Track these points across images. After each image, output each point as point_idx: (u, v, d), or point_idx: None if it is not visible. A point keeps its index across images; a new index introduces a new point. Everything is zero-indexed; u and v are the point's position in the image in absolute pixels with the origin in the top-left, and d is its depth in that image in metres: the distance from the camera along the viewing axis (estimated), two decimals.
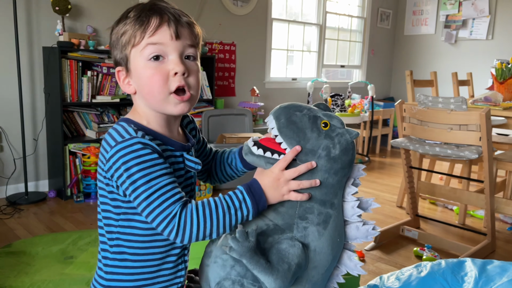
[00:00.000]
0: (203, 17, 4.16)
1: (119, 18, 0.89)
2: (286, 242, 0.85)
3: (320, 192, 0.87)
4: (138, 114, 0.90)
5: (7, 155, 3.17)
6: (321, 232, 0.88)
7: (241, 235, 0.81)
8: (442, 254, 2.46)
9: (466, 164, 2.86)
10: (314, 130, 0.86)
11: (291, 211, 0.87)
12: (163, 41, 0.84)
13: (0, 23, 3.04)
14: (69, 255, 2.23)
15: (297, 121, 0.86)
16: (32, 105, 3.25)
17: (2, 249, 2.26)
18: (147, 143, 0.81)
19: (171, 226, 0.79)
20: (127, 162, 0.80)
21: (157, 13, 0.84)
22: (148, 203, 0.80)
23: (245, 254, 0.80)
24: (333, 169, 0.87)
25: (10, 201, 3.03)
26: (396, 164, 4.76)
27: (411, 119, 2.55)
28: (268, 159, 0.87)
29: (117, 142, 0.82)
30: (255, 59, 4.71)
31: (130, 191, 0.81)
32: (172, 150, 0.89)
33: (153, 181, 0.80)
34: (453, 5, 5.64)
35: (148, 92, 0.86)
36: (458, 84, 3.87)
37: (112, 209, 0.87)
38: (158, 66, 0.84)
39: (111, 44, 0.90)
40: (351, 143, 0.89)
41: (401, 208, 3.24)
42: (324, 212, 0.88)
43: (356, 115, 4.79)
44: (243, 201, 0.83)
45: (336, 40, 5.70)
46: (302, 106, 0.89)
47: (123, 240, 0.88)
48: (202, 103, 3.88)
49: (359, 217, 0.93)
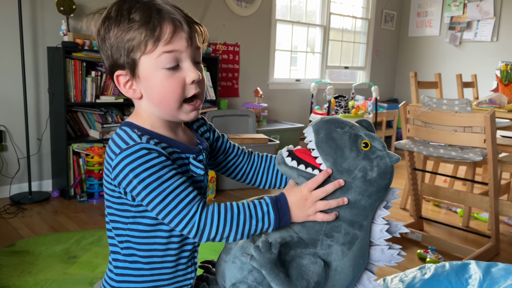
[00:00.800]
0: (207, 18, 4.16)
1: (112, 17, 0.83)
2: (308, 258, 0.83)
3: (350, 212, 0.85)
4: (142, 117, 0.88)
5: (11, 155, 3.18)
6: (345, 252, 0.86)
7: (264, 245, 0.80)
8: (445, 256, 2.44)
9: (470, 166, 2.85)
10: (353, 150, 0.84)
11: (317, 226, 0.86)
12: (178, 48, 0.82)
13: (5, 23, 3.05)
14: (72, 254, 2.24)
15: (337, 138, 0.84)
16: (36, 105, 3.26)
17: (6, 249, 2.26)
18: (152, 148, 0.80)
19: (191, 225, 0.79)
20: (135, 168, 0.79)
21: (167, 18, 0.81)
22: (164, 205, 0.79)
23: (266, 265, 0.79)
24: (367, 191, 0.85)
25: (13, 200, 3.04)
26: (400, 166, 4.74)
27: (415, 121, 2.54)
28: (301, 172, 0.85)
29: (122, 149, 0.81)
30: (259, 60, 4.71)
31: (142, 196, 0.80)
32: (178, 152, 0.87)
33: (166, 183, 0.79)
34: (457, 6, 5.63)
35: (162, 100, 0.84)
36: (463, 86, 3.86)
37: (119, 213, 0.87)
38: (174, 75, 0.82)
39: (107, 46, 0.84)
40: (390, 167, 0.87)
41: (405, 210, 3.23)
42: (351, 232, 0.86)
43: (360, 117, 4.78)
44: (267, 213, 0.82)
45: (340, 41, 5.69)
46: (344, 123, 0.87)
47: (132, 243, 0.88)
48: (205, 103, 3.89)
49: (386, 240, 0.91)
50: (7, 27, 3.06)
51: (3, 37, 3.06)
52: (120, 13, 0.82)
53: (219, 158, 1.04)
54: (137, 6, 0.82)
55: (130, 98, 0.89)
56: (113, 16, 0.83)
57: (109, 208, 0.88)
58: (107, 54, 0.85)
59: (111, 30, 0.82)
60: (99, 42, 0.86)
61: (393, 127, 5.47)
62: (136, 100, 0.89)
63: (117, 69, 0.85)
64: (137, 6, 0.82)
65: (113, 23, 0.82)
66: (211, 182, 3.28)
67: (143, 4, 0.82)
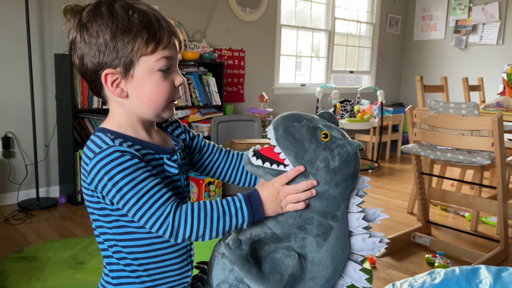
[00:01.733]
0: (213, 24, 4.18)
1: (104, 14, 0.83)
2: (282, 252, 0.85)
3: (320, 203, 0.87)
4: (115, 122, 0.90)
5: (19, 161, 3.21)
6: (321, 243, 0.87)
7: (234, 242, 0.81)
8: (454, 261, 2.43)
9: (478, 170, 2.84)
10: (312, 141, 0.86)
11: (290, 220, 0.87)
12: (173, 55, 0.88)
13: (13, 31, 3.08)
14: (80, 260, 2.24)
15: (294, 132, 0.87)
16: (44, 111, 3.29)
17: (14, 255, 2.27)
18: (125, 150, 0.82)
19: (166, 224, 0.80)
20: (109, 171, 0.80)
21: (165, 27, 0.86)
22: (138, 207, 0.80)
23: (237, 261, 0.81)
24: (333, 181, 0.86)
25: (21, 206, 3.06)
26: (406, 170, 4.73)
27: (422, 125, 2.54)
28: (266, 169, 0.88)
29: (95, 153, 0.82)
30: (264, 65, 4.72)
31: (117, 199, 0.81)
32: (152, 153, 0.89)
33: (140, 185, 0.80)
34: (462, 10, 5.62)
35: (154, 100, 0.87)
36: (469, 89, 3.84)
37: (102, 218, 0.88)
38: (167, 77, 0.88)
39: (100, 43, 0.84)
40: (353, 154, 0.87)
41: (412, 215, 3.21)
42: (325, 223, 0.87)
43: (366, 121, 4.77)
44: (240, 209, 0.84)
45: (345, 46, 5.69)
46: (302, 117, 0.89)
47: (121, 247, 0.89)
48: (211, 109, 3.90)
49: (365, 229, 0.91)
50: (15, 34, 3.09)
51: (11, 45, 3.09)
52: (115, 12, 0.84)
53: (195, 157, 1.06)
54: (133, 9, 0.85)
55: (111, 95, 0.89)
56: (106, 14, 0.83)
57: (92, 214, 0.90)
58: (97, 50, 0.84)
59: (107, 27, 0.83)
60: (85, 37, 0.84)
61: (399, 131, 5.45)
62: (116, 101, 0.89)
63: (107, 68, 0.85)
64: (133, 9, 0.85)
65: (109, 21, 0.83)
66: (217, 187, 3.29)
67: (139, 9, 0.85)
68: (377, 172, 4.58)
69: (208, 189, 3.24)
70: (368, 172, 4.57)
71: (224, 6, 4.25)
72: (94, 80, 0.88)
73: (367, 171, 4.60)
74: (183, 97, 3.67)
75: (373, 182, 4.17)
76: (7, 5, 3.04)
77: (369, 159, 5.11)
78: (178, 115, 3.65)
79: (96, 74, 0.87)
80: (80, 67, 0.88)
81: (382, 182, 4.19)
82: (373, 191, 3.86)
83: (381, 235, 0.91)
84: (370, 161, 5.03)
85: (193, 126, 3.82)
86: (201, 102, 3.78)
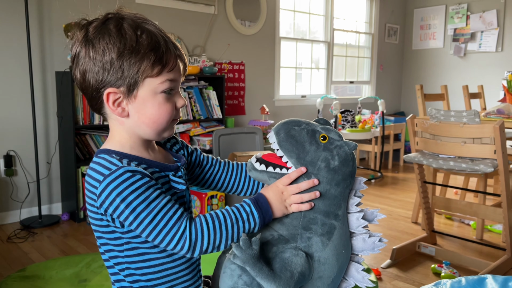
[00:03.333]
0: (212, 38, 4.21)
1: (112, 32, 0.83)
2: (290, 252, 0.88)
3: (323, 203, 0.90)
4: (117, 142, 0.90)
5: (21, 179, 3.20)
6: (325, 242, 0.90)
7: (245, 243, 0.83)
8: (461, 270, 2.40)
9: (482, 178, 2.82)
10: (312, 143, 0.91)
11: (295, 221, 0.91)
12: (177, 78, 0.89)
13: (15, 49, 3.11)
14: (83, 278, 2.22)
15: (295, 135, 0.91)
16: (45, 128, 3.30)
17: (17, 273, 2.26)
18: (135, 170, 0.81)
19: (183, 241, 0.80)
20: (122, 192, 0.79)
21: (171, 50, 0.87)
22: (154, 226, 0.80)
23: (248, 261, 0.83)
24: (334, 180, 0.90)
25: (24, 225, 3.05)
26: (409, 179, 4.71)
27: (424, 134, 2.53)
28: (270, 173, 0.92)
29: (105, 175, 0.81)
30: (264, 77, 4.74)
31: (131, 220, 0.80)
32: (158, 171, 0.89)
33: (153, 204, 0.80)
34: (460, 18, 5.65)
35: (155, 120, 0.87)
36: (470, 97, 3.84)
37: (112, 242, 0.87)
38: (170, 98, 0.89)
39: (105, 60, 0.82)
40: (350, 154, 0.92)
41: (417, 224, 3.19)
42: (328, 223, 0.91)
43: (367, 131, 4.77)
44: (251, 213, 0.86)
45: (344, 57, 5.72)
46: (301, 121, 0.95)
47: (133, 269, 0.87)
48: (212, 122, 3.90)
49: (364, 228, 0.95)
50: (16, 52, 3.12)
51: (12, 63, 3.11)
52: (124, 31, 0.83)
53: (196, 172, 1.05)
54: (141, 29, 0.84)
55: (113, 114, 0.88)
56: (115, 32, 0.82)
57: (101, 238, 0.88)
58: (102, 68, 0.83)
59: (115, 46, 0.82)
60: (90, 53, 0.83)
61: (401, 140, 5.44)
62: (118, 120, 0.89)
63: (110, 86, 0.84)
64: (141, 29, 0.84)
65: (116, 40, 0.82)
66: (220, 200, 3.28)
67: (148, 30, 0.84)
68: (380, 182, 4.56)
69: (210, 202, 3.22)
70: (371, 182, 4.55)
71: (223, 20, 4.29)
72: (95, 97, 0.87)
73: (370, 181, 4.58)
74: (184, 111, 3.68)
75: (377, 191, 4.15)
76: (8, 23, 3.07)
77: (372, 168, 5.09)
78: (180, 129, 3.66)
79: (98, 91, 0.86)
80: (82, 82, 0.87)
81: (386, 191, 4.16)
82: (376, 200, 3.84)
83: (379, 235, 0.94)
84: (372, 171, 5.01)
85: (194, 140, 3.82)
86: (202, 115, 3.79)
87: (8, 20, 3.06)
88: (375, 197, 3.95)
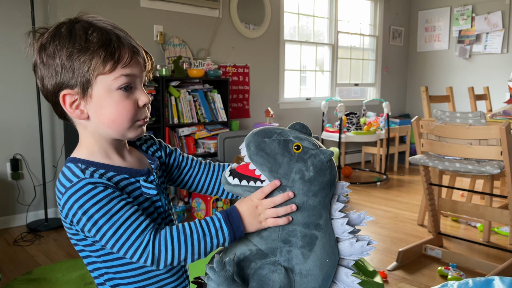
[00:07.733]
0: (217, 41, 4.22)
1: (63, 34, 0.82)
2: (268, 268, 0.85)
3: (301, 215, 0.86)
4: (84, 149, 0.88)
5: (27, 183, 3.22)
6: (306, 254, 0.87)
7: (218, 264, 0.81)
8: (467, 273, 2.38)
9: (488, 180, 2.80)
10: (285, 155, 0.86)
11: (273, 235, 0.87)
12: (135, 73, 0.85)
13: (20, 53, 3.12)
14: (89, 281, 2.23)
15: (265, 148, 0.87)
16: (52, 132, 3.32)
17: (23, 276, 2.27)
18: (97, 181, 0.80)
19: (146, 254, 0.78)
20: (83, 205, 0.78)
21: (126, 44, 0.84)
22: (116, 239, 0.78)
23: (223, 283, 0.80)
24: (311, 191, 0.86)
25: (30, 228, 3.06)
26: (415, 181, 4.69)
27: (429, 135, 2.52)
28: (244, 187, 0.88)
29: (67, 187, 0.80)
30: (269, 80, 4.75)
31: (93, 232, 0.79)
32: (127, 178, 0.87)
33: (115, 216, 0.78)
34: (465, 20, 5.63)
35: (115, 120, 0.84)
36: (475, 98, 3.83)
37: (87, 248, 0.86)
38: (128, 96, 0.85)
39: (56, 63, 0.82)
40: (327, 162, 0.87)
41: (423, 226, 3.17)
42: (308, 234, 0.87)
43: (372, 133, 4.76)
44: (220, 229, 0.83)
45: (349, 59, 5.72)
46: (272, 132, 0.89)
47: (112, 274, 0.87)
48: (217, 125, 3.91)
49: (351, 233, 0.91)
50: (21, 56, 3.13)
51: (18, 66, 3.13)
52: (74, 32, 0.82)
53: (174, 173, 1.03)
54: (93, 28, 0.83)
55: (75, 119, 0.87)
56: (65, 34, 0.82)
57: (77, 245, 0.87)
58: (54, 71, 0.82)
59: (63, 47, 0.81)
60: (43, 58, 0.83)
61: (407, 142, 5.42)
62: (80, 124, 0.88)
63: (65, 88, 0.83)
64: (93, 28, 0.83)
65: (66, 41, 0.81)
66: (225, 203, 3.27)
67: (100, 28, 0.83)
68: (385, 184, 4.55)
69: (215, 205, 3.22)
70: (376, 184, 4.54)
71: (228, 24, 4.30)
72: (56, 102, 0.85)
73: (375, 183, 4.57)
74: (189, 114, 3.68)
75: (382, 194, 4.14)
76: (14, 28, 3.09)
77: (377, 171, 5.08)
78: (184, 132, 3.67)
79: (55, 95, 0.84)
80: (42, 89, 0.86)
81: (391, 194, 4.15)
82: (382, 203, 3.82)
83: (368, 238, 0.90)
84: (378, 173, 4.99)
85: (199, 143, 3.83)
86: (207, 118, 3.80)
87: (13, 24, 3.08)
88: (381, 200, 3.93)
